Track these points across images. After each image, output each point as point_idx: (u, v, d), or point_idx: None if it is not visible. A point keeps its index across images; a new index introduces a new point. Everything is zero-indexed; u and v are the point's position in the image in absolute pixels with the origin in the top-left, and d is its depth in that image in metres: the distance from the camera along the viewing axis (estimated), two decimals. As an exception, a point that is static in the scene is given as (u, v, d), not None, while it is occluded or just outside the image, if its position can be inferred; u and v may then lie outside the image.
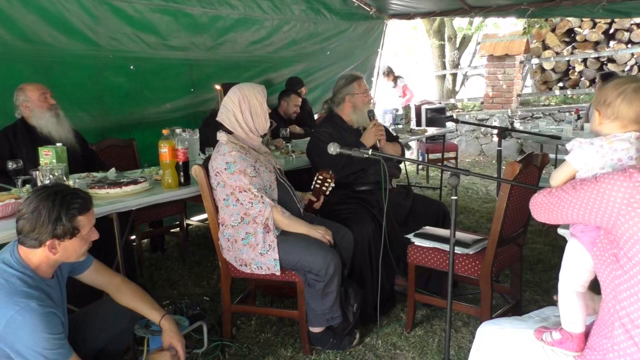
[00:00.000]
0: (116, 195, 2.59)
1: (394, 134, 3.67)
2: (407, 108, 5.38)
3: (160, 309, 2.09)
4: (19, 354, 1.64)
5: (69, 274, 2.01)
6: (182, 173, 2.82)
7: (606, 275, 1.43)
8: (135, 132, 4.19)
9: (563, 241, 1.70)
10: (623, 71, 8.76)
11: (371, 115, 3.18)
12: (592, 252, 1.53)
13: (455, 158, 6.68)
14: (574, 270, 1.61)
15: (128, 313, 2.09)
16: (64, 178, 2.50)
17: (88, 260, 2.03)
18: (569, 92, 8.97)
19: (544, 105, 8.69)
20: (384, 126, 3.33)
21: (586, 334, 1.56)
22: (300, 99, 4.97)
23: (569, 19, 8.99)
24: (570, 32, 9.34)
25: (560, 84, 9.53)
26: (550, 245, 4.04)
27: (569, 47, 9.29)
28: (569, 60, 9.22)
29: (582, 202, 1.42)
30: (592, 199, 1.39)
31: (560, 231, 2.10)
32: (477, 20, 9.85)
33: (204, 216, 4.56)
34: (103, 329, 2.04)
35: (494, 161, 7.97)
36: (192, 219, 4.58)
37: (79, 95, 3.80)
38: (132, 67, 4.08)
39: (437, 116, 5.77)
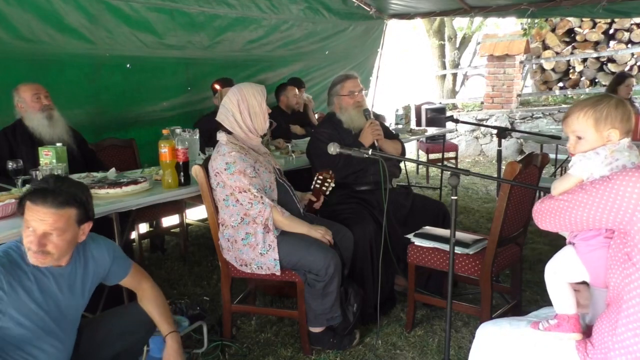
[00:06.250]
0: (116, 195, 2.59)
1: (394, 132, 3.67)
2: (407, 108, 5.36)
3: (172, 325, 2.08)
4: None
5: (103, 279, 2.00)
6: (182, 173, 2.82)
7: (617, 275, 1.42)
8: (132, 130, 4.19)
9: (563, 240, 1.69)
10: (623, 71, 8.77)
11: (367, 114, 3.16)
12: (593, 271, 1.53)
13: (455, 158, 6.67)
14: (563, 272, 1.61)
15: (148, 324, 2.08)
16: (64, 178, 2.49)
17: (126, 268, 2.05)
18: (569, 92, 8.97)
19: (544, 105, 8.68)
20: (383, 124, 3.31)
21: (588, 334, 1.56)
22: (297, 89, 4.95)
23: (569, 19, 8.98)
24: (570, 32, 9.33)
25: (560, 84, 9.52)
26: (550, 245, 4.03)
27: (569, 47, 9.29)
28: (569, 60, 9.22)
29: (594, 201, 1.41)
30: (606, 198, 1.38)
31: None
32: (477, 20, 9.83)
33: (203, 215, 4.55)
34: (121, 335, 2.04)
35: (494, 161, 7.96)
36: (188, 215, 4.56)
37: (76, 94, 3.80)
38: (128, 66, 4.08)
39: (437, 116, 5.77)
